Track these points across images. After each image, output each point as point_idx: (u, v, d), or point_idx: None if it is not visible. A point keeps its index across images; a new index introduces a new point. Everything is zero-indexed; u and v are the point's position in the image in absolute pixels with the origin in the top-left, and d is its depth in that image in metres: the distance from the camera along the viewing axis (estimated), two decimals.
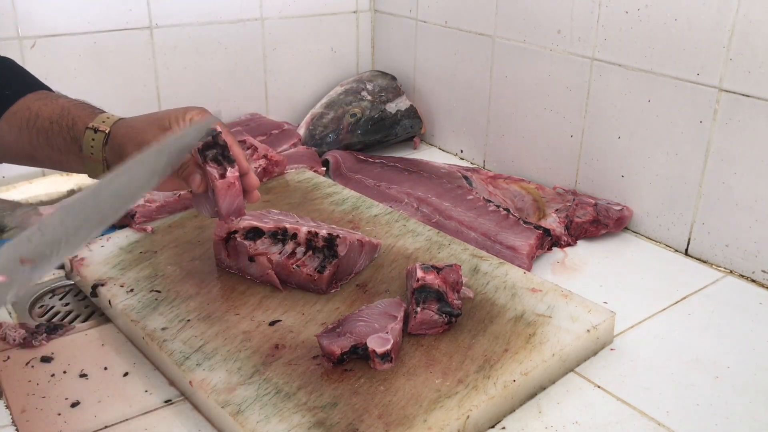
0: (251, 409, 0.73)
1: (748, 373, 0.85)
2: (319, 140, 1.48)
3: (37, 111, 0.78)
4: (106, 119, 0.77)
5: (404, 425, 0.70)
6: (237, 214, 0.80)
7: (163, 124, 0.75)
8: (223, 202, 0.78)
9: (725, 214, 1.05)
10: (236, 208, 0.80)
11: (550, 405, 0.79)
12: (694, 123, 1.06)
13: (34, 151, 0.79)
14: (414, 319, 0.83)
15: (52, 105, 0.78)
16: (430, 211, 1.19)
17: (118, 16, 1.33)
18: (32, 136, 0.78)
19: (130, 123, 0.77)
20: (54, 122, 0.77)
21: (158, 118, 0.76)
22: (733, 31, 0.98)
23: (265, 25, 1.51)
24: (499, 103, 1.39)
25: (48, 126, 0.77)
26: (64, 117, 0.77)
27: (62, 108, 0.78)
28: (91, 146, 0.76)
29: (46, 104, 0.78)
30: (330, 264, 0.92)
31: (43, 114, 0.77)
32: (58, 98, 0.79)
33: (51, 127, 0.77)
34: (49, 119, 0.77)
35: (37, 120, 0.77)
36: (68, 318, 0.96)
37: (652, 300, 0.99)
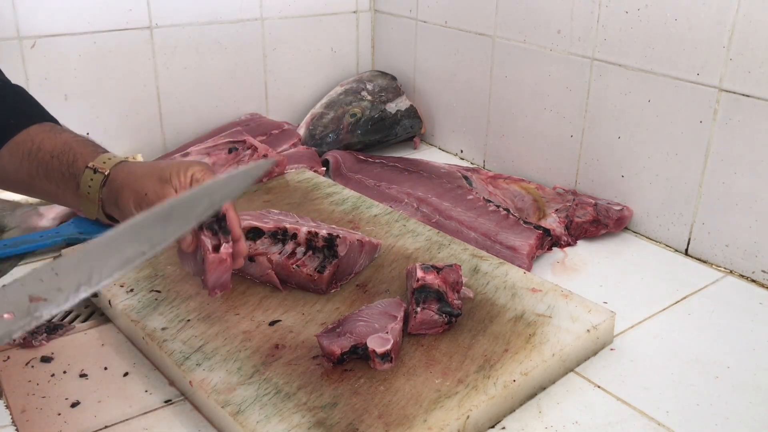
0: (251, 409, 0.73)
1: (748, 373, 0.85)
2: (319, 140, 1.48)
3: (39, 143, 0.77)
4: (107, 160, 0.77)
5: (404, 425, 0.70)
6: (222, 288, 0.78)
7: (163, 176, 0.74)
8: (212, 275, 0.75)
9: (725, 214, 1.05)
10: (223, 282, 0.78)
11: (550, 405, 0.79)
12: (694, 123, 1.06)
13: (32, 182, 0.78)
14: (414, 319, 0.83)
15: (56, 139, 0.77)
16: (430, 211, 1.19)
17: (118, 16, 1.33)
18: (32, 168, 0.77)
19: (130, 168, 0.76)
20: (55, 156, 0.77)
21: (159, 168, 0.75)
22: (733, 31, 0.98)
23: (265, 25, 1.51)
24: (499, 103, 1.39)
25: (48, 159, 0.77)
26: (66, 152, 0.77)
27: (65, 143, 0.77)
28: (89, 185, 0.75)
29: (49, 137, 0.77)
30: (330, 264, 0.92)
31: (45, 147, 0.77)
32: (62, 132, 0.79)
33: (51, 160, 0.77)
34: (50, 153, 0.77)
35: (39, 152, 0.77)
36: (68, 318, 0.96)
37: (652, 300, 0.99)
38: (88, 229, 1.14)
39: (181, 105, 1.45)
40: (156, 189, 0.72)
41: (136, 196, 0.72)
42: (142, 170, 0.75)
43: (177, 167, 0.74)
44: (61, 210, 1.19)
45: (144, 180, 0.73)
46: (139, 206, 0.72)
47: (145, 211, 0.63)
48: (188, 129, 1.47)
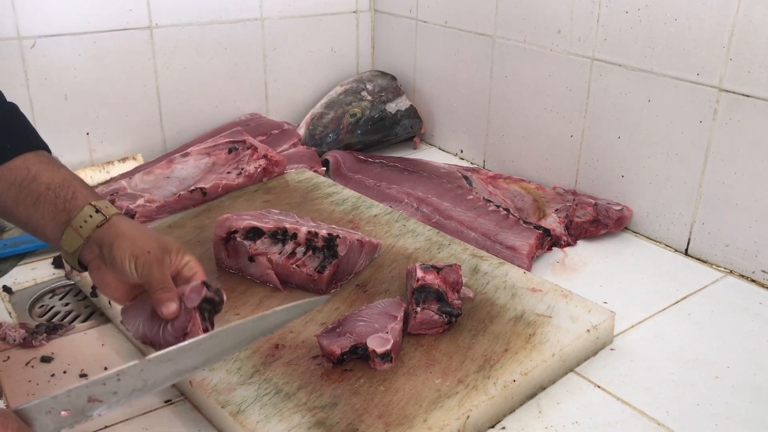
0: (251, 409, 0.73)
1: (748, 373, 0.85)
2: (319, 140, 1.48)
3: (35, 174, 0.77)
4: (109, 206, 0.77)
5: (404, 425, 0.70)
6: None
7: (166, 247, 0.75)
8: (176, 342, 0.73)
9: (725, 214, 1.05)
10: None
11: (550, 405, 0.79)
12: (694, 123, 1.06)
13: (14, 208, 0.78)
14: (414, 319, 0.83)
15: (54, 173, 0.78)
16: (430, 211, 1.19)
17: (118, 16, 1.33)
18: (20, 195, 0.77)
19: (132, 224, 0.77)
20: (51, 189, 0.77)
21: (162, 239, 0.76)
22: (733, 31, 0.98)
23: (265, 25, 1.51)
24: (499, 103, 1.39)
25: (43, 191, 0.76)
26: (65, 187, 0.77)
27: (64, 179, 0.78)
28: (85, 221, 0.75)
29: (47, 169, 0.78)
30: (330, 264, 0.92)
31: (41, 178, 0.77)
32: (61, 168, 0.79)
33: (47, 192, 0.77)
34: (46, 185, 0.77)
35: (33, 183, 0.77)
36: (68, 318, 0.96)
37: (652, 300, 0.99)
38: None
39: (181, 105, 1.45)
40: (157, 253, 0.74)
41: (137, 250, 0.73)
42: (146, 231, 0.76)
43: (178, 246, 0.76)
44: None
45: (149, 240, 0.74)
46: (135, 259, 0.73)
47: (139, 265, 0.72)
48: (188, 129, 1.47)
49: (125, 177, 1.25)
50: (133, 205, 1.14)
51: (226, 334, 0.64)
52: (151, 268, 0.72)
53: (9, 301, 0.99)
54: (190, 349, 0.63)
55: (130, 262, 0.72)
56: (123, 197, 1.17)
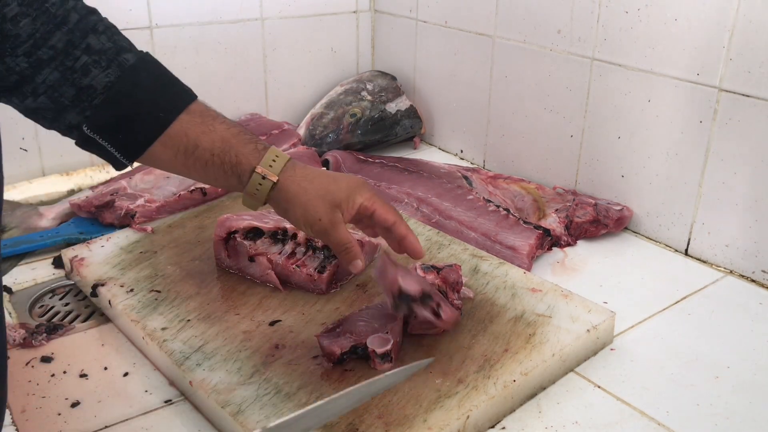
0: (251, 409, 0.73)
1: (748, 373, 0.85)
2: (319, 140, 1.48)
3: (195, 139, 0.76)
4: (272, 162, 0.77)
5: (404, 425, 0.70)
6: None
7: (334, 201, 0.77)
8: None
9: (725, 214, 1.05)
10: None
11: (550, 405, 0.79)
12: (694, 123, 1.06)
13: (188, 172, 0.79)
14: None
15: (212, 135, 0.77)
16: (430, 211, 1.19)
17: (118, 16, 1.31)
18: (188, 162, 0.77)
19: (300, 182, 0.77)
20: (215, 155, 0.76)
21: (330, 191, 0.77)
22: (733, 31, 0.98)
23: (265, 25, 1.51)
24: (499, 103, 1.39)
25: (208, 157, 0.76)
26: (227, 152, 0.76)
27: (223, 140, 0.77)
28: (257, 189, 0.76)
29: (204, 132, 0.76)
30: (330, 264, 0.92)
31: (202, 144, 0.76)
32: (214, 123, 0.78)
33: (212, 159, 0.76)
34: (210, 151, 0.76)
35: (197, 149, 0.76)
36: (68, 318, 0.96)
37: (652, 300, 0.99)
38: (88, 229, 1.15)
39: None
40: (328, 215, 0.76)
41: (309, 218, 0.76)
42: (313, 188, 0.77)
43: (347, 194, 0.77)
44: (61, 210, 1.19)
45: (316, 203, 0.76)
46: (310, 226, 0.77)
47: (315, 233, 0.77)
48: None
49: (125, 177, 1.25)
50: (133, 205, 1.14)
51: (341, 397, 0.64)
52: (327, 235, 0.77)
53: (9, 301, 0.99)
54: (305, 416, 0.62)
55: (306, 228, 0.77)
56: (123, 197, 1.17)
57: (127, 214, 1.13)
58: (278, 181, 0.76)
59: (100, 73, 0.71)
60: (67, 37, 0.70)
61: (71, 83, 0.70)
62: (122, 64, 0.73)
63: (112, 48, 0.72)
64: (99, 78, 0.71)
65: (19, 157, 1.30)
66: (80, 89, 0.71)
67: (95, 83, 0.71)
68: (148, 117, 0.75)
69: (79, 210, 1.17)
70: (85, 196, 1.19)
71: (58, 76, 0.70)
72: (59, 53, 0.69)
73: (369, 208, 0.79)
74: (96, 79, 0.71)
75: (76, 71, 0.70)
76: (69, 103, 0.71)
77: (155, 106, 0.75)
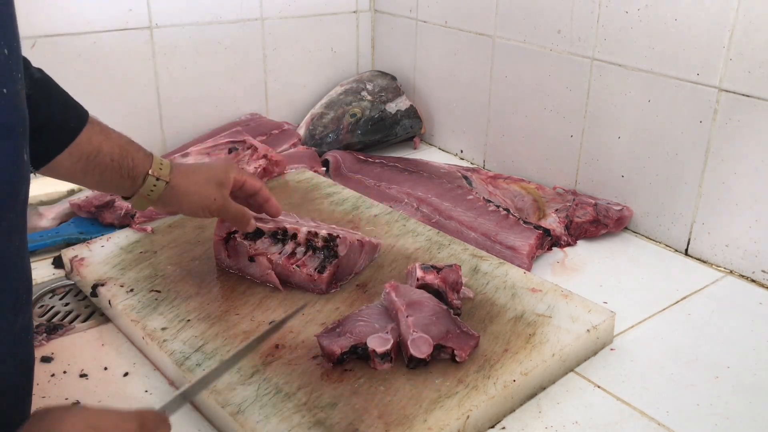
0: (251, 409, 0.73)
1: (748, 373, 0.85)
2: (319, 140, 1.48)
3: (98, 146, 0.83)
4: (161, 166, 0.87)
5: (404, 425, 0.70)
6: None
7: (219, 180, 0.88)
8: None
9: (725, 214, 1.05)
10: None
11: (550, 405, 0.79)
12: (694, 123, 1.06)
13: (84, 177, 0.85)
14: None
15: (111, 143, 0.84)
16: (430, 211, 1.19)
17: (118, 16, 1.33)
18: (88, 167, 0.83)
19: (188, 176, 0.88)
20: (114, 161, 0.84)
21: (212, 174, 0.89)
22: (733, 31, 0.98)
23: (265, 25, 1.51)
24: (499, 103, 1.39)
25: (108, 162, 0.84)
26: (125, 157, 0.85)
27: (120, 148, 0.85)
28: (152, 190, 0.86)
29: (104, 140, 0.84)
30: (330, 264, 0.92)
31: (104, 150, 0.83)
32: (110, 132, 0.85)
33: (111, 164, 0.84)
34: (110, 156, 0.84)
35: (98, 155, 0.83)
36: (68, 318, 0.96)
37: (652, 300, 0.99)
38: (88, 229, 1.15)
39: (181, 105, 1.45)
40: (218, 193, 0.88)
41: (204, 202, 0.88)
42: (200, 178, 0.88)
43: (224, 173, 0.89)
44: (61, 210, 1.19)
45: (207, 188, 0.88)
46: (207, 208, 0.88)
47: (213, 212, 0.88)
48: (188, 129, 1.47)
49: None
50: None
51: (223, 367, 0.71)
52: (224, 209, 0.89)
53: None
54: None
55: (204, 212, 0.88)
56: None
57: (127, 214, 1.13)
58: (170, 181, 0.86)
59: None
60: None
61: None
62: (32, 76, 0.78)
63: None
64: None
65: None
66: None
67: None
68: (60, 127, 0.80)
69: (79, 210, 1.17)
70: (85, 196, 1.19)
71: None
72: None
73: (239, 180, 0.91)
74: None
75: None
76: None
77: (65, 117, 0.81)
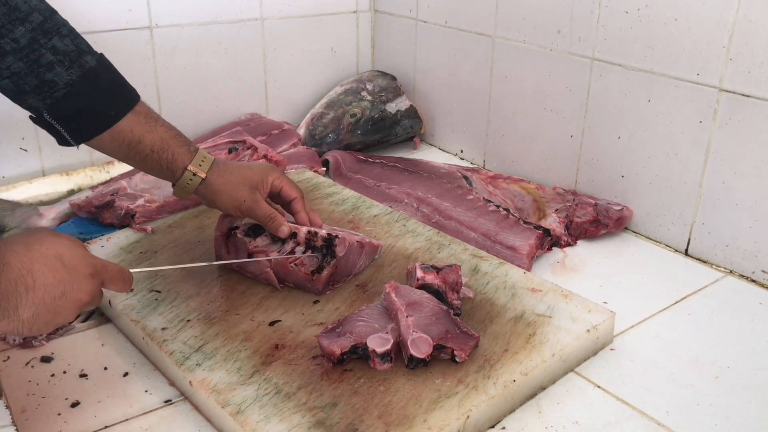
0: (251, 409, 0.73)
1: (748, 373, 0.85)
2: (319, 140, 1.48)
3: (140, 136, 0.89)
4: (201, 162, 0.92)
5: (404, 425, 0.70)
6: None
7: (252, 184, 0.92)
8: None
9: (725, 214, 1.05)
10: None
11: (550, 405, 0.79)
12: (694, 123, 1.06)
13: (128, 161, 0.92)
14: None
15: (153, 134, 0.90)
16: (430, 211, 1.19)
17: (118, 16, 1.33)
18: (130, 154, 0.90)
19: (223, 176, 0.92)
20: (155, 152, 0.90)
21: (247, 177, 0.93)
22: (733, 31, 0.98)
23: (265, 25, 1.51)
24: (499, 103, 1.39)
25: (148, 152, 0.90)
26: (165, 150, 0.90)
27: (162, 140, 0.90)
28: (188, 184, 0.91)
29: (147, 131, 0.89)
30: (329, 264, 0.92)
31: (145, 141, 0.89)
32: (156, 124, 0.90)
33: (151, 155, 0.90)
34: (150, 147, 0.89)
35: (139, 144, 0.89)
36: None
37: (652, 300, 0.99)
38: (88, 229, 1.15)
39: (181, 105, 1.45)
40: (249, 195, 0.91)
41: (235, 201, 0.92)
42: (234, 178, 0.92)
43: (261, 177, 0.93)
44: (61, 210, 1.19)
45: (239, 188, 0.92)
46: (237, 208, 0.92)
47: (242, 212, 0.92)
48: (188, 129, 1.46)
49: (125, 177, 1.25)
50: (133, 205, 1.14)
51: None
52: (252, 211, 0.92)
53: None
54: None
55: (234, 211, 0.93)
56: (123, 197, 1.17)
57: (127, 214, 1.13)
58: (206, 178, 0.92)
59: (64, 71, 0.84)
60: (30, 35, 0.81)
61: (35, 75, 0.82)
62: (83, 65, 0.85)
63: (74, 51, 0.85)
64: (62, 75, 0.84)
65: (19, 157, 1.29)
66: (43, 81, 0.83)
67: (58, 79, 0.84)
68: (101, 113, 0.87)
69: (79, 210, 1.17)
70: (85, 197, 1.19)
71: (23, 66, 0.82)
72: (23, 47, 0.81)
73: (277, 186, 0.94)
74: (59, 76, 0.84)
75: (42, 66, 0.83)
76: (31, 90, 0.83)
77: (108, 105, 0.88)
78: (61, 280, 0.64)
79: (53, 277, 0.64)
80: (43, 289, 0.63)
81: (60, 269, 0.64)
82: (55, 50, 0.83)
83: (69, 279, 0.65)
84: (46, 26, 0.83)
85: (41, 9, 0.83)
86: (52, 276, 0.64)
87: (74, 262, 0.66)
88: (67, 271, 0.65)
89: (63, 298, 0.65)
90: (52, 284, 0.64)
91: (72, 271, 0.66)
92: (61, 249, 0.66)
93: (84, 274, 0.67)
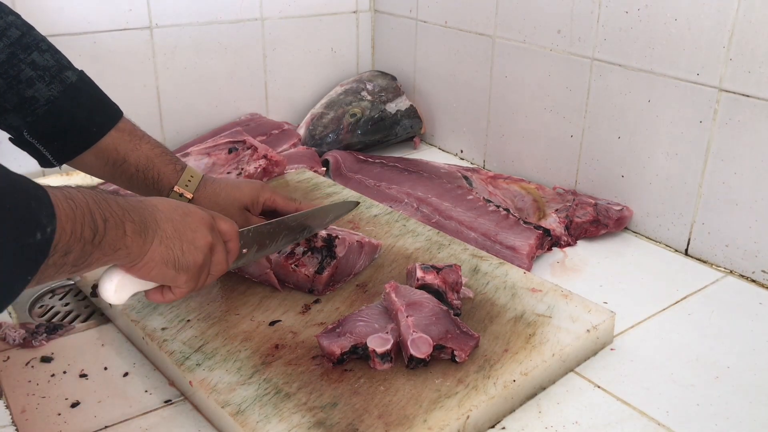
0: (251, 409, 0.73)
1: (748, 373, 0.85)
2: (319, 140, 1.48)
3: (124, 155, 0.87)
4: (189, 181, 0.90)
5: (404, 425, 0.70)
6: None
7: (241, 205, 0.91)
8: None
9: (725, 214, 1.05)
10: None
11: (550, 405, 0.79)
12: (694, 123, 1.06)
13: (113, 180, 0.90)
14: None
15: (138, 152, 0.87)
16: (430, 211, 1.19)
17: (118, 16, 1.33)
18: (115, 173, 0.88)
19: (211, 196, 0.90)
20: (140, 171, 0.88)
21: (235, 198, 0.91)
22: (733, 31, 0.98)
23: (265, 25, 1.51)
24: (499, 103, 1.39)
25: (133, 172, 0.87)
26: (150, 169, 0.88)
27: (147, 159, 0.88)
28: None
29: (132, 149, 0.87)
30: (329, 265, 0.92)
31: (130, 159, 0.87)
32: (141, 141, 0.88)
33: (136, 174, 0.88)
34: (135, 166, 0.87)
35: (124, 163, 0.87)
36: (68, 318, 0.96)
37: (652, 300, 0.99)
38: None
39: (181, 105, 1.45)
40: (238, 216, 0.90)
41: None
42: (222, 199, 0.90)
43: (250, 197, 0.92)
44: None
45: (227, 210, 0.89)
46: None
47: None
48: (188, 129, 1.47)
49: None
50: None
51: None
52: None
53: None
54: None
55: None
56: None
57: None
58: (193, 198, 0.90)
59: (44, 87, 0.82)
60: (9, 50, 0.80)
61: (15, 92, 0.80)
62: (64, 80, 0.83)
63: (55, 66, 0.83)
64: (42, 91, 0.82)
65: (19, 157, 1.29)
66: (24, 99, 0.81)
67: (38, 95, 0.81)
68: (83, 130, 0.85)
69: None
70: None
71: (2, 83, 0.80)
72: (2, 63, 0.79)
73: (271, 205, 0.94)
74: (39, 92, 0.81)
75: (22, 82, 0.80)
76: (11, 108, 0.81)
77: (90, 121, 0.85)
78: (178, 205, 0.70)
79: (169, 206, 0.69)
80: (169, 210, 0.68)
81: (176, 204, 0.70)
82: (35, 65, 0.81)
83: (185, 205, 0.71)
84: (25, 41, 0.80)
85: (18, 24, 0.81)
86: (168, 205, 0.69)
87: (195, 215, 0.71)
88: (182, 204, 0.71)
89: (188, 217, 0.69)
90: (173, 208, 0.69)
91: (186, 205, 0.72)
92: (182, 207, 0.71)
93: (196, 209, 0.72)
